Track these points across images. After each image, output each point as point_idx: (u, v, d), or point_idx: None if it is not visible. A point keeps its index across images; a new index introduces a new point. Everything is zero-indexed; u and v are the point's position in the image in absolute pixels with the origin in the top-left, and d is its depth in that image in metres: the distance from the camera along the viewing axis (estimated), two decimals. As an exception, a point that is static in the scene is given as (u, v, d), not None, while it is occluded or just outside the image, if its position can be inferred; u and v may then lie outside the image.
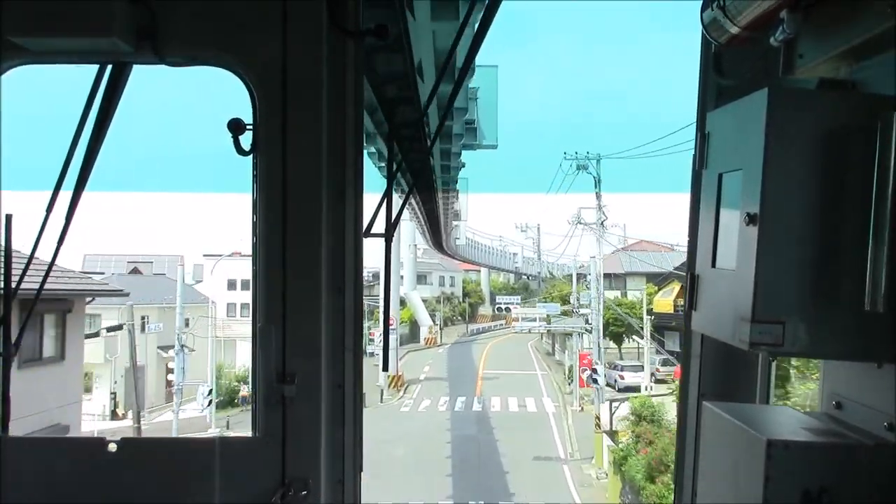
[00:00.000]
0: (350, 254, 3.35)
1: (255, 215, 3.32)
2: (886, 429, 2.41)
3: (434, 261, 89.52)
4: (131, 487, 3.31)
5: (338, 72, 3.27)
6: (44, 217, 3.39)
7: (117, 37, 3.00)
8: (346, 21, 3.24)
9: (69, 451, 3.43)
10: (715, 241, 2.66)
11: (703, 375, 3.60)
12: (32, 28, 3.02)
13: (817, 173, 2.30)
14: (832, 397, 2.76)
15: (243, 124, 3.23)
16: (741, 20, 2.60)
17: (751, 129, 2.37)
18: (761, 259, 2.28)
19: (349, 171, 3.33)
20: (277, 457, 3.26)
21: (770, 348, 2.34)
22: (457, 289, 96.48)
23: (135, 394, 30.45)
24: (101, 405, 38.18)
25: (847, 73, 2.65)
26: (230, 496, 3.27)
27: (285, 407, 3.24)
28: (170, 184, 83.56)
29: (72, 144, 3.33)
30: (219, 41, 3.25)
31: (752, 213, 2.31)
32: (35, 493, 3.32)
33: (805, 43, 2.62)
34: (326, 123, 3.26)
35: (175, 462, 3.37)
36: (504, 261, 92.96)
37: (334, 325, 3.33)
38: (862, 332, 2.31)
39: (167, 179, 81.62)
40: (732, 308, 2.43)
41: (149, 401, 40.48)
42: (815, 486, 2.30)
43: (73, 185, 3.35)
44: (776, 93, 2.31)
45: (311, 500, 3.26)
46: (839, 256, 2.31)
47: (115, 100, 3.34)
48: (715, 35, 2.80)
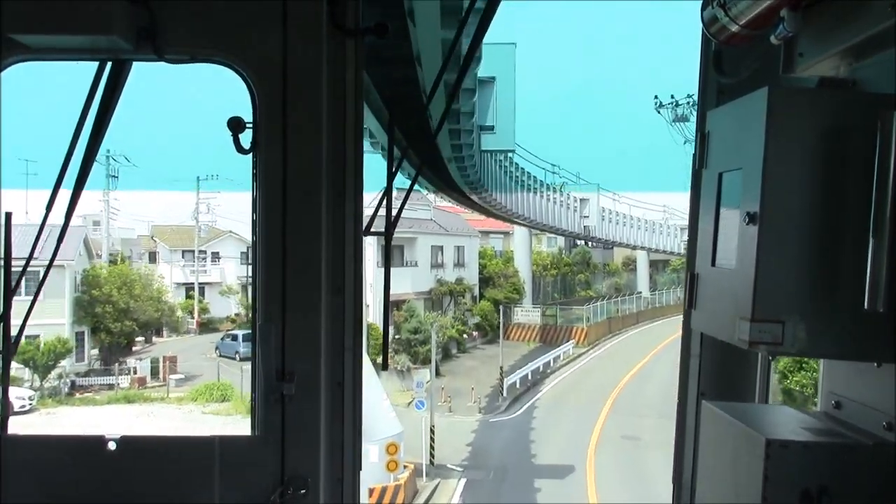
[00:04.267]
0: (350, 253, 3.35)
1: (254, 213, 3.31)
2: (885, 428, 2.41)
3: (421, 215, 49.69)
4: (131, 486, 3.31)
5: (338, 70, 3.27)
6: (43, 215, 3.39)
7: (117, 34, 3.00)
8: (346, 20, 3.24)
9: (69, 450, 3.43)
10: (715, 240, 2.66)
11: (703, 374, 3.60)
12: (33, 25, 3.02)
13: (817, 172, 2.30)
14: (831, 397, 2.76)
15: (243, 122, 3.23)
16: (741, 19, 2.60)
17: (751, 128, 2.36)
18: (761, 258, 2.28)
19: (349, 170, 3.33)
20: (277, 455, 3.26)
21: (769, 347, 2.34)
22: (469, 270, 54.79)
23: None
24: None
25: (847, 71, 2.65)
26: (229, 494, 3.27)
27: (285, 405, 3.25)
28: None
29: (71, 142, 3.33)
30: (219, 39, 3.25)
31: (752, 212, 2.31)
32: (35, 493, 3.32)
33: (805, 42, 2.62)
34: (326, 122, 3.25)
35: (174, 460, 3.37)
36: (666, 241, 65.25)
37: (334, 323, 3.33)
38: (861, 332, 2.30)
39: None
40: (732, 307, 2.43)
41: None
42: (814, 486, 2.30)
43: (73, 183, 3.35)
44: (776, 92, 2.31)
45: (311, 498, 3.26)
46: (839, 256, 2.30)
47: (116, 97, 3.34)
48: (715, 33, 2.80)
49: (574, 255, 71.39)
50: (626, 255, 75.10)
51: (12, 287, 3.36)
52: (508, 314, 52.91)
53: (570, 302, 62.55)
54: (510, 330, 52.76)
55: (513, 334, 53.28)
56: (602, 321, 56.80)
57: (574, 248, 72.69)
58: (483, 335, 51.18)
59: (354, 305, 3.40)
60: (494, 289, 56.69)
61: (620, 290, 70.02)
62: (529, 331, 54.81)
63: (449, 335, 46.53)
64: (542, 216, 51.43)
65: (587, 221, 58.24)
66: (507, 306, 53.10)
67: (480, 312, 51.56)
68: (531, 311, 57.25)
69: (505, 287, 57.25)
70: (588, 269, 72.35)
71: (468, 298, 53.73)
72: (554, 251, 70.94)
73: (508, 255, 63.45)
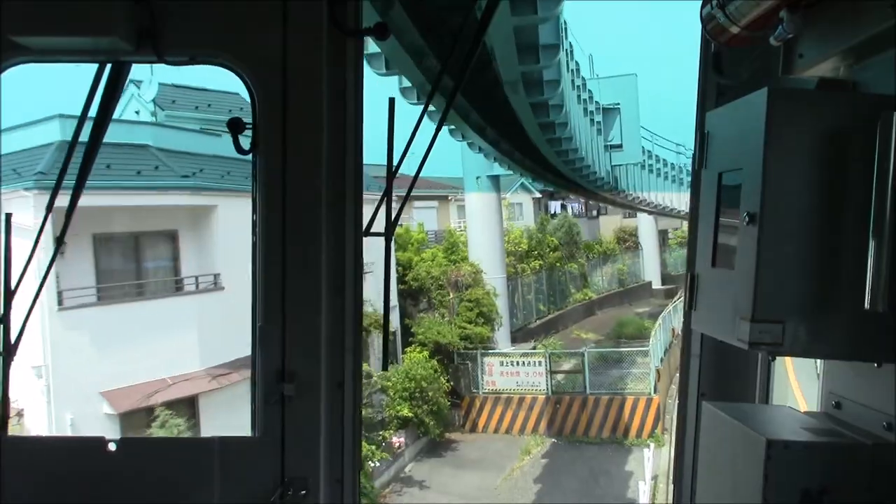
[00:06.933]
0: (350, 253, 3.35)
1: (254, 214, 3.31)
2: (885, 428, 2.41)
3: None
4: (131, 487, 3.31)
5: (338, 71, 3.27)
6: (44, 216, 3.39)
7: (118, 36, 3.00)
8: (346, 21, 3.24)
9: (69, 451, 3.43)
10: (715, 240, 2.66)
11: (703, 375, 3.61)
12: (33, 27, 3.02)
13: (817, 173, 2.30)
14: (831, 397, 2.76)
15: (243, 123, 3.23)
16: (741, 20, 2.60)
17: (750, 128, 2.36)
18: (761, 258, 2.28)
19: (349, 171, 3.33)
20: (276, 456, 3.26)
21: (770, 348, 2.34)
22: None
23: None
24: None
25: (847, 72, 2.65)
26: (229, 495, 3.27)
27: (284, 406, 3.25)
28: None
29: (71, 143, 3.33)
30: (219, 40, 3.24)
31: (752, 212, 2.31)
32: (35, 493, 3.32)
33: (805, 43, 2.62)
34: (326, 123, 3.25)
35: (174, 462, 3.37)
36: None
37: (334, 324, 3.33)
38: (861, 332, 2.30)
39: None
40: (732, 307, 2.43)
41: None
42: (814, 486, 2.30)
43: (73, 184, 3.35)
44: (776, 93, 2.31)
45: (311, 499, 3.26)
46: (839, 256, 2.30)
47: (116, 98, 3.34)
48: (714, 34, 2.80)
49: (558, 232, 46.09)
50: (618, 225, 57.68)
51: (12, 288, 3.36)
52: (466, 375, 28.58)
53: (565, 316, 42.01)
54: (478, 412, 28.16)
55: (487, 421, 28.06)
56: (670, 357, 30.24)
57: (551, 218, 49.53)
58: (417, 437, 25.55)
59: (354, 306, 3.40)
60: (433, 314, 30.05)
61: (625, 282, 53.16)
62: (521, 410, 28.03)
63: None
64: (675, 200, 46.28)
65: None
66: (465, 358, 28.73)
67: (405, 385, 24.72)
68: (517, 359, 29.12)
69: (462, 312, 29.83)
70: (578, 250, 47.89)
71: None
72: (529, 226, 45.11)
73: (454, 238, 35.18)
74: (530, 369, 28.72)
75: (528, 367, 28.84)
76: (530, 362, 29.06)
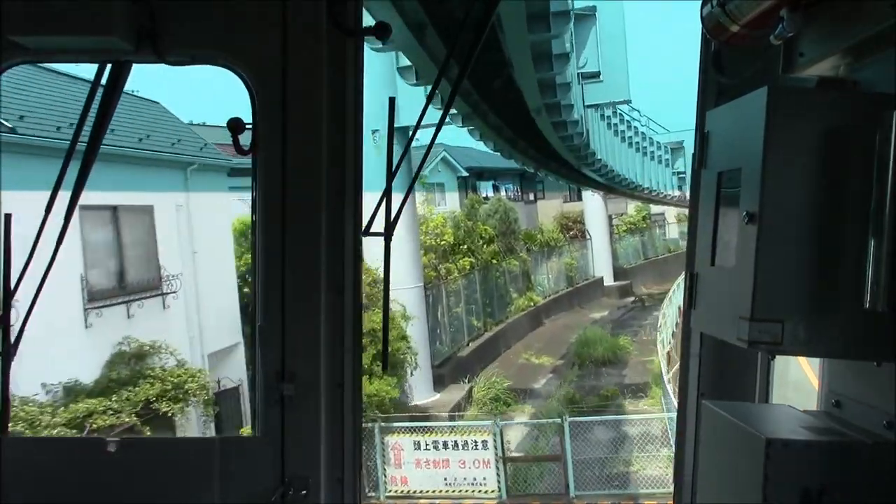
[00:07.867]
0: (349, 253, 3.35)
1: (254, 214, 3.31)
2: (885, 427, 2.41)
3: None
4: (131, 487, 3.31)
5: (338, 71, 3.27)
6: (43, 217, 3.38)
7: (118, 36, 3.00)
8: (346, 21, 3.24)
9: (69, 451, 3.43)
10: (714, 239, 2.66)
11: (703, 374, 3.60)
12: (33, 27, 3.02)
13: (817, 172, 2.30)
14: (831, 396, 2.76)
15: (243, 123, 3.23)
16: (741, 18, 2.60)
17: (750, 127, 2.36)
18: (761, 257, 2.28)
19: (349, 171, 3.33)
20: (277, 456, 3.26)
21: (769, 347, 2.34)
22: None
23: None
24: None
25: (847, 71, 2.64)
26: (230, 495, 3.27)
27: (285, 406, 3.25)
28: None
29: (71, 143, 3.33)
30: (219, 40, 3.24)
31: (752, 211, 2.31)
32: (35, 493, 3.32)
33: (805, 41, 2.61)
34: (326, 123, 3.25)
35: (175, 462, 3.37)
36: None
37: (333, 324, 3.33)
38: (861, 331, 2.30)
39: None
40: (732, 306, 2.42)
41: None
42: (814, 485, 2.30)
43: (73, 185, 3.35)
44: (776, 91, 2.31)
45: (311, 499, 3.26)
46: (839, 255, 2.30)
47: (115, 98, 3.34)
48: (714, 33, 2.80)
49: (491, 219, 36.85)
50: (558, 210, 49.71)
51: (12, 288, 3.36)
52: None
53: (507, 332, 32.81)
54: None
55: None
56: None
57: (483, 202, 39.64)
58: None
59: (354, 306, 3.40)
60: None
61: (573, 279, 43.39)
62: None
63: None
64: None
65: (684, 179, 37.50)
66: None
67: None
68: (445, 438, 17.23)
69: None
70: (517, 241, 38.26)
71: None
72: (455, 212, 36.23)
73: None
74: (468, 454, 16.70)
75: (465, 450, 16.69)
76: (468, 442, 16.76)
